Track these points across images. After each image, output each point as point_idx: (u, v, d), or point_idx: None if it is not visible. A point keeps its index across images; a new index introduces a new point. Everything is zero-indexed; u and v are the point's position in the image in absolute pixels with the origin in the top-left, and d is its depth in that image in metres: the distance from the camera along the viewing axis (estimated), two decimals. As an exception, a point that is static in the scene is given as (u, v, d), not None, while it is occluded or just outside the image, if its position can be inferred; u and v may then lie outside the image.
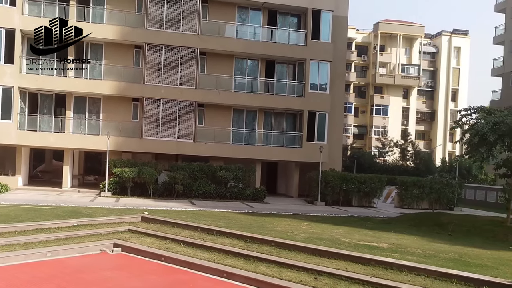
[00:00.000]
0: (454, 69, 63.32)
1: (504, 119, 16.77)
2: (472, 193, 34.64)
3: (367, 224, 18.40)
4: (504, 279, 9.30)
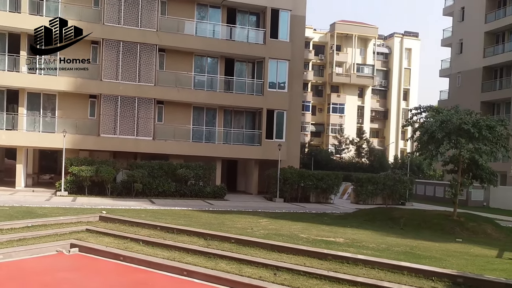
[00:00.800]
0: (406, 69, 65.42)
1: (451, 118, 17.50)
2: (422, 188, 36.06)
3: (324, 219, 18.71)
4: (451, 269, 9.71)
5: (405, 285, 8.80)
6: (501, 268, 10.23)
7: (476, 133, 16.97)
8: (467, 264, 10.53)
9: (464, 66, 42.85)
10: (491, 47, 40.66)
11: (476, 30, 41.46)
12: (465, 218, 17.81)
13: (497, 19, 39.83)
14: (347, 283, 8.98)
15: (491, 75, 40.96)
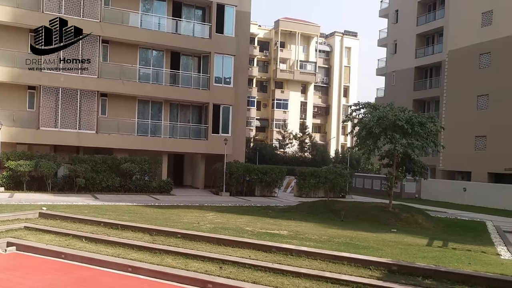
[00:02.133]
0: (346, 67, 67.40)
1: (386, 114, 18.14)
2: (361, 181, 37.41)
3: (269, 212, 18.89)
4: (387, 258, 10.15)
5: (345, 275, 9.08)
6: (431, 256, 10.81)
7: (409, 129, 17.74)
8: (401, 252, 11.03)
9: (398, 65, 44.80)
10: (422, 49, 42.79)
11: (409, 32, 43.45)
12: (399, 210, 18.60)
13: (427, 22, 41.99)
14: (291, 275, 9.14)
15: (422, 75, 43.17)
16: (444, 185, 33.36)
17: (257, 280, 8.79)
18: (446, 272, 9.13)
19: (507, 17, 31.58)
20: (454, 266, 9.70)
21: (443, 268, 9.45)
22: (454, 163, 35.49)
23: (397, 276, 9.10)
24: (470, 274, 9.05)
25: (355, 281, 8.63)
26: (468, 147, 33.91)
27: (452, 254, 11.23)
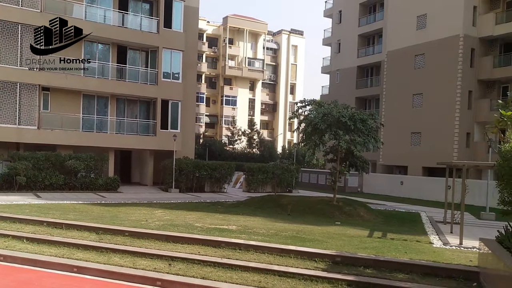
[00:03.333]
0: (292, 65, 68.27)
1: (331, 111, 18.63)
2: (307, 176, 38.20)
3: (218, 208, 18.90)
4: (331, 250, 10.48)
5: (292, 267, 9.29)
6: (372, 246, 11.29)
7: (352, 126, 18.32)
8: (344, 244, 11.42)
9: (341, 64, 45.97)
10: (363, 49, 44.17)
11: (351, 33, 44.68)
12: (343, 203, 19.18)
13: (368, 24, 43.39)
14: (240, 269, 9.23)
15: (364, 73, 44.61)
16: (383, 179, 34.77)
17: (207, 275, 8.80)
18: (385, 261, 9.57)
19: (439, 21, 33.29)
20: (392, 256, 10.19)
21: (382, 257, 9.90)
22: (392, 158, 37.07)
23: (341, 266, 9.42)
24: (406, 262, 9.55)
25: (302, 273, 8.85)
26: (404, 143, 35.56)
27: (390, 244, 11.78)
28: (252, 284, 8.40)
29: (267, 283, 8.43)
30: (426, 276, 8.91)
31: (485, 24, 32.14)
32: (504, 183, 8.04)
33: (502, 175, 8.08)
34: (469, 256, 10.67)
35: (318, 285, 8.31)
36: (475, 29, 32.33)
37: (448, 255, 10.66)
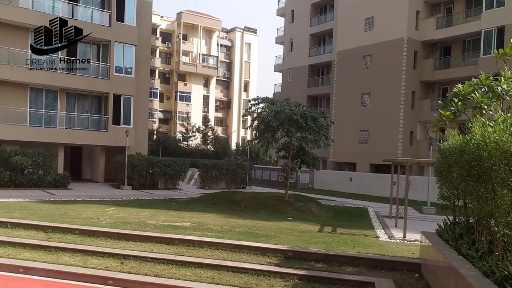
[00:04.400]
0: (246, 62, 68.50)
1: (283, 109, 18.80)
2: (260, 173, 38.46)
3: (172, 205, 18.68)
4: (283, 245, 10.65)
5: (245, 263, 9.36)
6: (322, 241, 11.57)
7: (303, 123, 18.61)
8: (295, 239, 11.63)
9: (294, 63, 46.52)
10: (315, 48, 44.94)
11: (303, 32, 45.31)
12: (295, 199, 19.49)
13: (320, 24, 44.16)
14: (193, 266, 9.17)
15: (315, 72, 45.44)
16: (333, 176, 35.63)
17: (160, 273, 8.68)
18: (335, 255, 9.85)
19: (385, 24, 34.50)
20: (341, 250, 10.50)
21: (332, 252, 10.18)
22: (342, 155, 38.10)
23: (293, 261, 9.59)
24: (355, 256, 9.88)
25: (254, 269, 8.93)
26: (353, 140, 36.65)
27: (339, 239, 12.13)
28: (205, 280, 8.38)
29: (221, 279, 8.44)
30: (372, 268, 9.26)
31: (427, 28, 33.66)
32: (443, 179, 8.44)
33: (441, 172, 8.48)
34: (412, 248, 11.19)
35: (271, 280, 8.43)
36: (418, 33, 33.79)
37: (393, 248, 11.13)
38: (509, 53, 6.56)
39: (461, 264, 5.91)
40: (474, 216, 7.05)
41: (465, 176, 6.70)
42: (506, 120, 6.01)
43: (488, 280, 5.04)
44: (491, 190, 5.85)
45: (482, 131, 6.12)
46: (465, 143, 6.63)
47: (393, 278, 8.52)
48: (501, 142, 5.18)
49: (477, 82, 7.78)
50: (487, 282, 4.98)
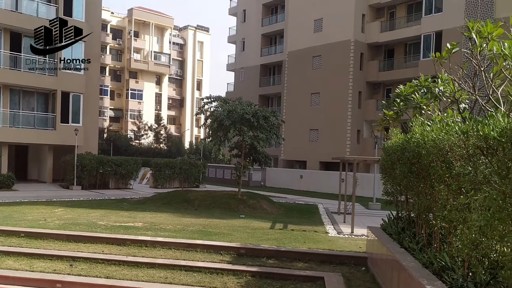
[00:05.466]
0: (199, 61, 67.92)
1: (235, 108, 18.86)
2: (214, 171, 38.29)
3: (123, 205, 18.24)
4: (236, 243, 10.69)
5: (199, 261, 9.30)
6: (274, 238, 11.73)
7: (255, 122, 18.75)
8: (248, 236, 11.71)
9: (246, 62, 46.66)
10: (266, 48, 45.31)
11: (255, 32, 45.57)
12: (247, 197, 19.58)
13: (271, 24, 44.58)
14: (146, 266, 9.00)
15: (267, 72, 45.82)
16: (285, 173, 36.08)
17: (111, 274, 8.45)
18: (286, 252, 10.01)
19: (333, 26, 35.39)
20: (292, 246, 10.69)
21: (283, 248, 10.34)
22: (293, 153, 38.71)
23: (245, 258, 9.65)
24: (305, 251, 10.09)
25: (208, 267, 8.90)
26: (304, 139, 37.33)
27: (290, 235, 12.34)
28: (158, 280, 8.25)
29: (174, 278, 8.35)
30: (322, 263, 9.50)
31: (372, 31, 34.89)
32: (386, 176, 8.75)
33: (385, 169, 8.79)
34: (359, 243, 11.59)
35: (224, 277, 8.44)
36: (364, 35, 34.95)
37: (341, 243, 11.47)
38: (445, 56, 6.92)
39: (403, 257, 6.20)
40: (414, 211, 7.39)
41: (406, 172, 6.96)
42: (443, 120, 6.35)
43: (427, 271, 5.31)
44: (429, 186, 6.13)
45: (421, 130, 6.38)
46: (406, 141, 6.88)
47: (341, 272, 8.78)
48: (438, 140, 5.40)
49: (417, 83, 8.15)
50: (426, 272, 5.25)
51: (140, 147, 50.65)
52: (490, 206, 3.92)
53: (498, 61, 5.75)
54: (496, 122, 4.02)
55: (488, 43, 5.87)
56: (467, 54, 6.48)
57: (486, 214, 3.97)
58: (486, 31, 5.84)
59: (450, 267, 5.07)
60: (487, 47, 5.88)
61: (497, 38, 5.83)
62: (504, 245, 3.96)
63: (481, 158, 4.32)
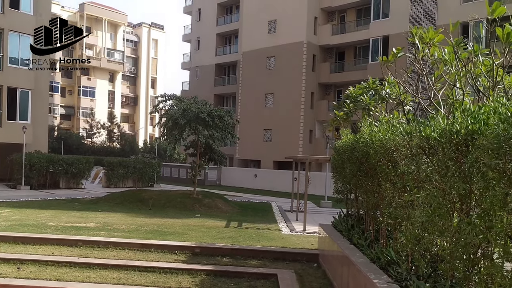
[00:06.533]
0: (153, 59, 66.59)
1: (190, 107, 18.68)
2: (169, 170, 37.71)
3: (75, 205, 17.62)
4: (191, 242, 10.60)
5: (153, 261, 9.14)
6: (228, 236, 11.74)
7: (210, 122, 18.64)
8: (203, 235, 11.65)
9: (201, 61, 46.15)
10: (221, 47, 45.08)
11: (210, 31, 45.14)
12: (202, 196, 19.45)
13: (226, 24, 44.38)
14: (98, 267, 8.73)
15: (222, 71, 45.61)
16: (239, 172, 36.13)
17: (62, 277, 8.12)
18: (240, 250, 10.05)
19: (287, 27, 35.81)
20: (246, 244, 10.75)
21: (238, 246, 10.37)
22: (247, 153, 38.82)
23: (200, 257, 9.59)
24: (259, 249, 10.17)
25: (162, 267, 8.76)
26: (258, 138, 37.53)
27: (245, 233, 12.39)
28: (111, 281, 8.02)
29: (127, 279, 8.15)
30: (276, 260, 9.61)
31: (324, 34, 35.63)
32: (337, 175, 8.98)
33: (336, 168, 9.01)
34: (311, 240, 11.82)
35: (179, 277, 8.33)
36: (316, 38, 35.61)
37: (294, 241, 11.65)
38: (391, 60, 7.18)
39: (352, 253, 6.39)
40: (363, 208, 7.64)
41: (355, 171, 7.14)
42: (389, 121, 6.60)
43: (374, 266, 5.51)
44: (376, 184, 6.33)
45: (369, 130, 6.57)
46: (356, 141, 7.06)
47: (294, 269, 8.92)
48: (384, 140, 5.55)
49: (366, 85, 8.42)
50: (373, 267, 5.45)
51: (92, 146, 48.97)
52: (431, 203, 4.12)
53: (439, 65, 6.05)
54: (437, 123, 4.21)
55: (430, 49, 6.15)
56: (411, 59, 6.75)
57: (428, 211, 4.17)
58: (428, 37, 6.12)
59: (396, 262, 5.29)
60: (429, 52, 6.16)
61: (438, 44, 6.12)
62: (443, 239, 4.18)
63: (423, 157, 4.50)
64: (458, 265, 3.76)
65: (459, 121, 3.82)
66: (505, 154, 3.02)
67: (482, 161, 3.28)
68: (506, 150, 2.99)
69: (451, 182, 3.80)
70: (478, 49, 5.35)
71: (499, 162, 3.06)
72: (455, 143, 3.80)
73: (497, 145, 3.06)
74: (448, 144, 3.87)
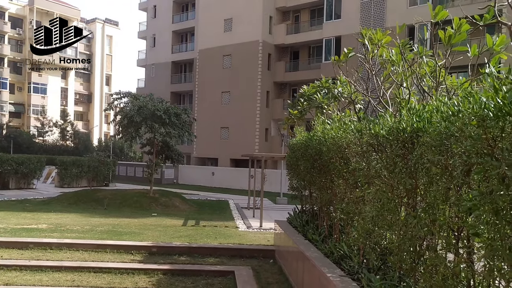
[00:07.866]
0: (108, 55, 64.50)
1: (146, 104, 18.27)
2: (124, 169, 36.66)
3: (25, 206, 16.80)
4: (147, 241, 10.38)
5: (108, 262, 8.88)
6: (186, 235, 11.59)
7: (167, 119, 18.32)
8: (160, 235, 11.43)
9: (157, 58, 45.03)
10: (177, 45, 44.23)
11: (166, 28, 44.11)
12: (159, 194, 19.10)
13: (182, 21, 43.58)
14: (51, 270, 8.40)
15: (178, 69, 44.80)
16: (197, 171, 35.72)
17: (11, 281, 7.72)
18: (198, 248, 9.96)
19: (243, 26, 35.71)
20: (204, 242, 10.67)
21: (195, 244, 10.27)
22: (205, 151, 38.45)
23: (157, 257, 9.41)
24: (216, 247, 10.12)
25: (118, 267, 8.53)
26: (215, 136, 37.28)
27: (202, 231, 12.29)
28: (65, 284, 7.71)
29: (82, 281, 7.86)
30: (233, 257, 9.59)
31: (279, 33, 35.86)
32: (292, 172, 9.07)
33: (291, 165, 9.10)
34: (268, 236, 11.89)
35: (135, 277, 8.13)
36: (271, 37, 35.80)
37: (251, 237, 11.68)
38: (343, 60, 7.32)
39: (306, 248, 6.48)
40: (317, 204, 7.76)
41: (309, 168, 7.23)
42: (341, 119, 6.74)
43: (328, 260, 5.61)
44: (330, 180, 6.45)
45: (322, 128, 6.68)
46: (309, 139, 7.14)
47: (251, 265, 8.94)
48: (336, 138, 5.66)
49: (319, 84, 8.56)
50: (327, 261, 5.55)
51: (44, 145, 46.78)
52: (381, 198, 4.25)
53: (387, 66, 6.24)
54: (385, 121, 4.34)
55: (379, 50, 6.33)
56: (361, 59, 6.91)
57: (377, 206, 4.29)
58: (376, 39, 6.29)
59: (348, 256, 5.42)
60: (378, 53, 6.34)
61: (386, 45, 6.30)
62: (392, 233, 4.31)
63: (373, 154, 4.62)
64: (405, 257, 3.90)
65: (405, 119, 3.94)
66: (446, 151, 3.14)
67: (426, 157, 3.41)
68: (447, 146, 3.12)
69: (399, 177, 3.92)
70: (422, 51, 5.56)
71: (441, 158, 3.19)
72: (401, 140, 3.93)
73: (439, 142, 3.18)
74: (396, 141, 3.99)
